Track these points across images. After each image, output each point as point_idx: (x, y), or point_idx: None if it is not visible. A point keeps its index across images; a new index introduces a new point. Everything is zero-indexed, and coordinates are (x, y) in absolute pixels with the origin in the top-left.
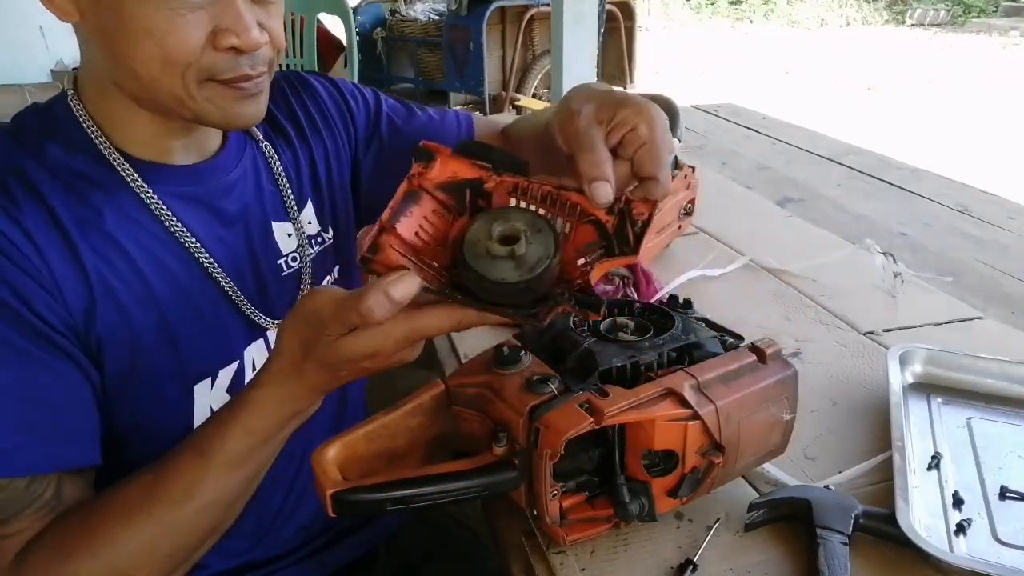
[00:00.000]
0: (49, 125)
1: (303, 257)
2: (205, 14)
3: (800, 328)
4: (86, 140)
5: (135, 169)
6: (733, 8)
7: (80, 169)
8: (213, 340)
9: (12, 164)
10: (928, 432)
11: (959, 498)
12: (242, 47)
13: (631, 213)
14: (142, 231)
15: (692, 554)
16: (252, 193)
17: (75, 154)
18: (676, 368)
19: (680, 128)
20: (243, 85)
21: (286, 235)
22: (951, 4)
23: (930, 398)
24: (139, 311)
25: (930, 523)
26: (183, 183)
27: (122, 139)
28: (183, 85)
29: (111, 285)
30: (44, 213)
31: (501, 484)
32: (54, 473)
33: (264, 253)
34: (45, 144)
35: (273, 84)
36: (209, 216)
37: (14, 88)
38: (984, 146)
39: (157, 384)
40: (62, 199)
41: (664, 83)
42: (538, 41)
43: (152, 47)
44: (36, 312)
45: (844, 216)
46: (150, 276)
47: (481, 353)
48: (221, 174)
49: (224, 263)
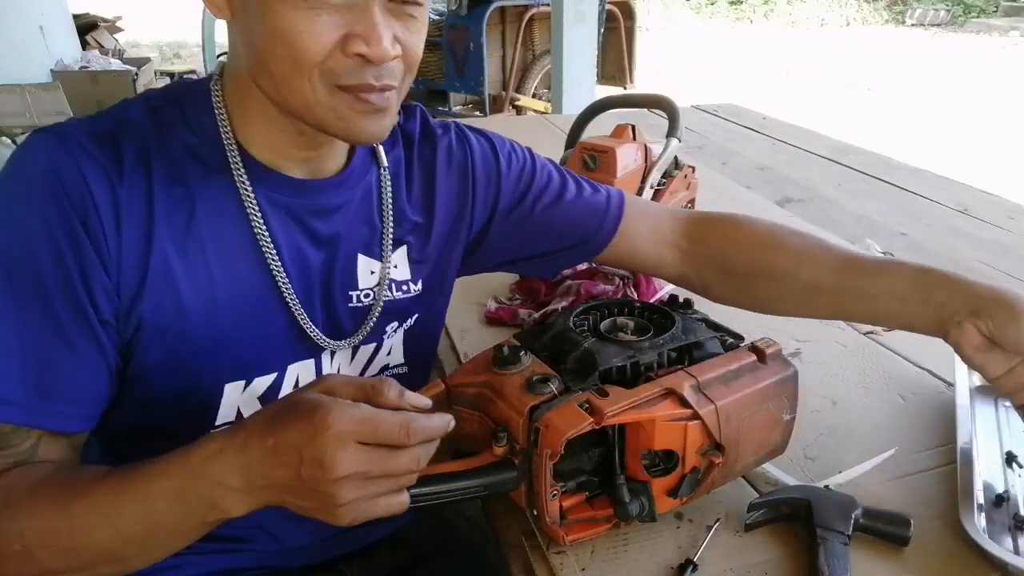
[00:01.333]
0: (189, 102)
1: (377, 295)
2: (341, 18)
3: (800, 328)
4: (213, 125)
5: (245, 166)
6: (733, 8)
7: (195, 150)
8: (260, 348)
9: (139, 133)
10: (995, 436)
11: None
12: (370, 56)
13: None
14: (227, 227)
15: (692, 554)
16: (351, 222)
17: (198, 135)
18: (676, 368)
19: (680, 128)
20: (367, 97)
21: (369, 271)
22: (951, 4)
23: (997, 401)
24: (195, 304)
25: (993, 525)
26: (284, 192)
27: (247, 136)
28: (311, 88)
29: (174, 273)
30: (143, 187)
31: (501, 484)
32: (38, 430)
33: (340, 281)
34: (175, 119)
35: (427, 124)
36: (298, 231)
37: (14, 88)
38: (984, 146)
39: (190, 375)
40: (164, 176)
41: (664, 83)
42: (538, 41)
43: (285, 45)
44: (88, 285)
45: (844, 216)
46: (217, 273)
47: (481, 353)
48: (327, 196)
49: (296, 280)
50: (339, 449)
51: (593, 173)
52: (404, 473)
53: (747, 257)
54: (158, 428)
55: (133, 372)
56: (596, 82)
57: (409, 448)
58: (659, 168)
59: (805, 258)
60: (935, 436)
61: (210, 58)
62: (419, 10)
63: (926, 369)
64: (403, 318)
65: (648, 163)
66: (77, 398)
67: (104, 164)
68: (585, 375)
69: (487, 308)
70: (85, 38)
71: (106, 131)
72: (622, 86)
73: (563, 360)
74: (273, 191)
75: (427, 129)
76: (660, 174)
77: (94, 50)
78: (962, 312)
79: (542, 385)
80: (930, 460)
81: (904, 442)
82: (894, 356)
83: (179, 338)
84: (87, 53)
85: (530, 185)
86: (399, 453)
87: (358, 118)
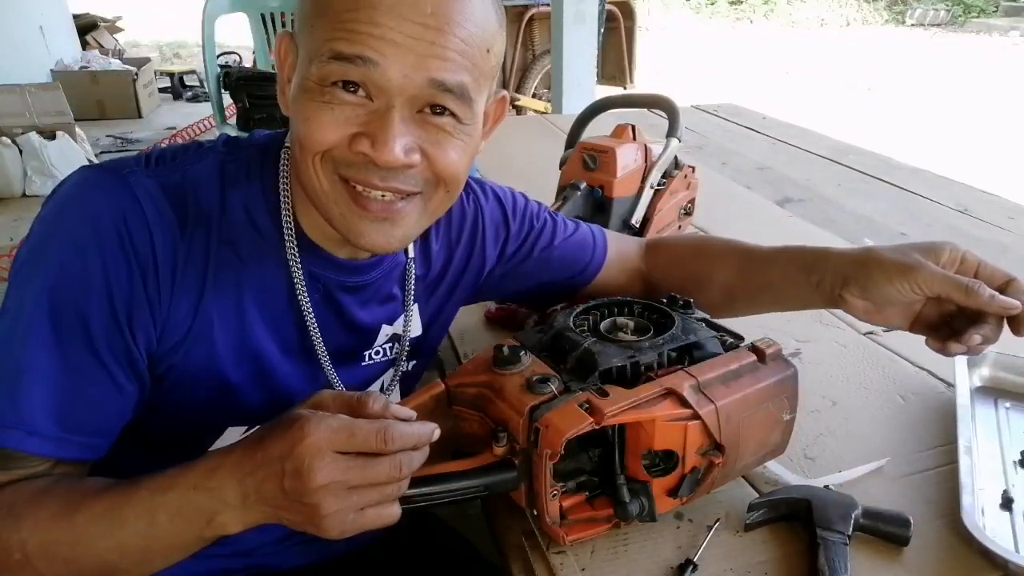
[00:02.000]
0: (256, 164)
1: (390, 352)
2: (356, 116)
3: (800, 328)
4: (275, 195)
5: (297, 239)
6: (733, 8)
7: (251, 214)
8: (278, 401)
9: (205, 192)
10: (995, 436)
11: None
12: (373, 158)
13: None
14: (272, 294)
15: (692, 554)
16: (380, 297)
17: (255, 200)
18: (676, 368)
19: (680, 128)
20: (367, 200)
21: (386, 335)
22: (951, 4)
23: (998, 402)
24: (227, 359)
25: (995, 524)
26: (326, 269)
27: (300, 211)
28: (315, 173)
29: (215, 330)
30: (202, 247)
31: (501, 484)
32: (53, 460)
33: (360, 344)
34: (239, 179)
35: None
36: (333, 306)
37: (14, 88)
38: (984, 146)
39: (198, 416)
40: (221, 240)
41: (664, 83)
42: (538, 41)
43: (299, 128)
44: (132, 329)
45: (844, 216)
46: (256, 332)
47: (481, 353)
48: (363, 275)
49: (328, 348)
50: (315, 458)
51: (593, 173)
52: (387, 481)
53: (678, 271)
54: (153, 447)
55: (144, 406)
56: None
57: (390, 456)
58: (659, 168)
59: (717, 263)
60: (935, 436)
61: (210, 58)
62: (456, 126)
63: (926, 369)
64: (403, 362)
65: (648, 163)
66: (101, 430)
67: (171, 220)
68: (585, 375)
69: (487, 308)
70: (85, 38)
71: (174, 183)
72: (622, 86)
73: (563, 360)
74: (316, 267)
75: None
76: (660, 174)
77: (94, 50)
78: (836, 284)
79: (542, 385)
80: (930, 460)
81: (904, 442)
82: (894, 356)
83: (203, 387)
84: (87, 53)
85: (530, 233)
86: (378, 460)
87: (360, 221)
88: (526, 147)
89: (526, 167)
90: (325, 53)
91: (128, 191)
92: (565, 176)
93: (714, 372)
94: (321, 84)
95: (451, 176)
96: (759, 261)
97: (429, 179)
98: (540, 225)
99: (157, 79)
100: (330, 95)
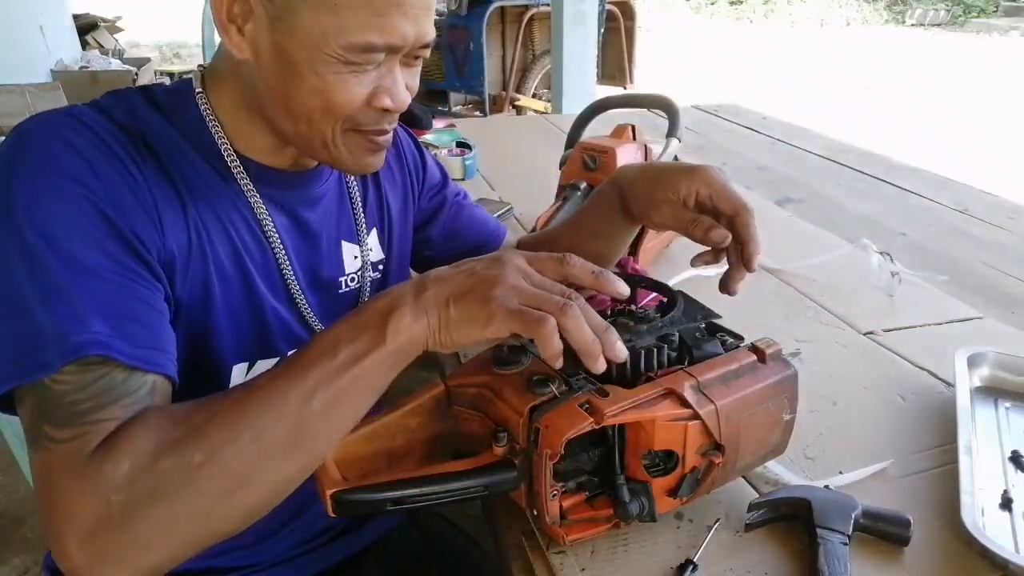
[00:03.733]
0: (178, 112)
1: (362, 279)
2: (370, 77)
3: (800, 328)
4: (208, 136)
5: (245, 168)
6: (733, 8)
7: (195, 160)
8: (262, 332)
9: (143, 122)
10: (995, 436)
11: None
12: (393, 109)
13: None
14: (232, 217)
15: (692, 554)
16: (331, 211)
17: (186, 134)
18: (676, 368)
19: (680, 128)
20: (378, 139)
21: (352, 256)
22: (951, 4)
23: (998, 402)
24: (219, 284)
25: (994, 524)
26: (280, 187)
27: (240, 142)
28: (332, 133)
29: (205, 249)
30: (161, 172)
31: (501, 484)
32: (151, 373)
33: (330, 268)
34: (171, 123)
35: None
36: (293, 225)
37: (14, 88)
38: (984, 146)
39: (203, 353)
40: (176, 167)
41: (664, 83)
42: (538, 41)
43: (318, 99)
44: (142, 242)
45: (844, 216)
46: (236, 256)
47: (481, 353)
48: (312, 187)
49: (298, 271)
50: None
51: (593, 173)
52: (558, 295)
53: None
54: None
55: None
56: (596, 82)
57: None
58: None
59: (543, 243)
60: (935, 436)
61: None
62: (425, 52)
63: (926, 369)
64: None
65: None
66: (163, 344)
67: (127, 142)
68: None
69: None
70: (85, 38)
71: (118, 119)
72: (622, 86)
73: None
74: (267, 186)
75: None
76: None
77: (94, 50)
78: (614, 199)
79: (542, 385)
80: (930, 460)
81: (904, 442)
82: (894, 356)
83: (201, 316)
84: (87, 53)
85: (445, 179)
86: (554, 283)
87: (367, 156)
88: (526, 147)
89: (526, 167)
90: (358, 42)
91: (72, 117)
92: (565, 176)
93: (714, 372)
94: (346, 56)
95: (415, 90)
96: (577, 217)
97: None
98: (451, 183)
99: (157, 79)
100: (355, 66)
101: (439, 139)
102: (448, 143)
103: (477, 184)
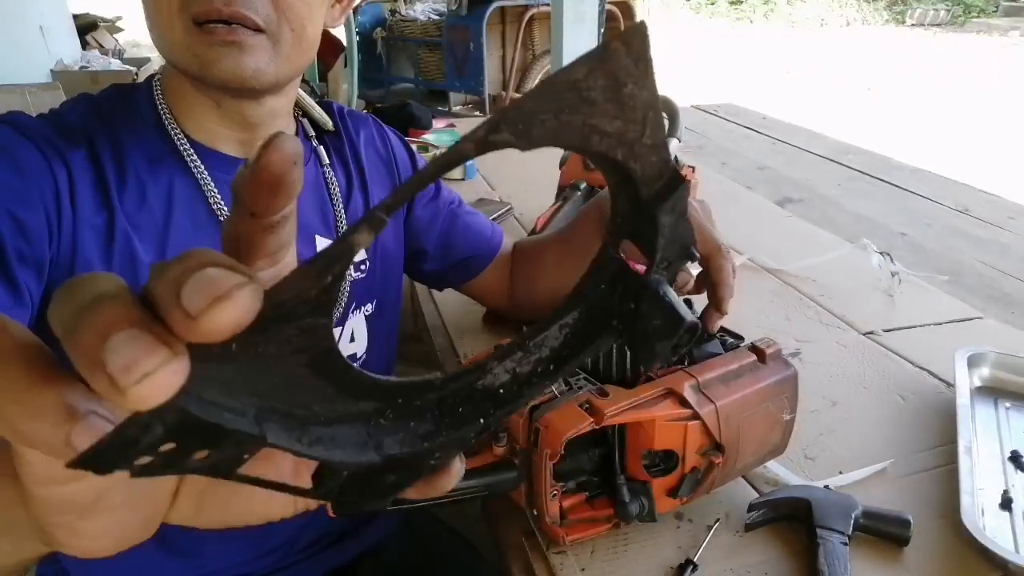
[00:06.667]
0: (129, 103)
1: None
2: None
3: (800, 328)
4: (157, 118)
5: (194, 150)
6: (733, 8)
7: (139, 136)
8: None
9: (83, 124)
10: (995, 436)
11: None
12: None
13: None
14: (183, 206)
15: (692, 554)
16: (302, 202)
17: (143, 129)
18: (676, 368)
19: (680, 128)
20: (215, 27)
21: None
22: (951, 4)
23: (997, 402)
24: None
25: (995, 524)
26: (231, 171)
27: (187, 124)
28: (171, 27)
29: (134, 247)
30: (89, 160)
31: (501, 484)
32: None
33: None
34: (116, 118)
35: (344, 114)
36: None
37: (14, 88)
38: (984, 146)
39: None
40: (111, 159)
41: (664, 83)
42: (538, 41)
43: None
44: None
45: (844, 216)
46: (177, 238)
47: (481, 353)
48: None
49: None
50: None
51: (593, 173)
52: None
53: (518, 275)
54: None
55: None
56: None
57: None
58: None
59: (537, 251)
60: (935, 436)
61: None
62: None
63: (926, 369)
64: (361, 301)
65: None
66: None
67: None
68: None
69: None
70: (85, 38)
71: (57, 124)
72: None
73: None
74: (223, 172)
75: (346, 118)
76: None
77: (94, 50)
78: (596, 223)
79: None
80: (930, 460)
81: (904, 442)
82: (894, 356)
83: None
84: (87, 53)
85: (439, 189)
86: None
87: (208, 51)
88: None
89: (526, 167)
90: None
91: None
92: (565, 176)
93: (714, 372)
94: None
95: (291, 9)
96: (561, 235)
97: (271, 15)
98: (445, 188)
99: None
100: None
101: (439, 139)
102: (448, 143)
103: (477, 184)
